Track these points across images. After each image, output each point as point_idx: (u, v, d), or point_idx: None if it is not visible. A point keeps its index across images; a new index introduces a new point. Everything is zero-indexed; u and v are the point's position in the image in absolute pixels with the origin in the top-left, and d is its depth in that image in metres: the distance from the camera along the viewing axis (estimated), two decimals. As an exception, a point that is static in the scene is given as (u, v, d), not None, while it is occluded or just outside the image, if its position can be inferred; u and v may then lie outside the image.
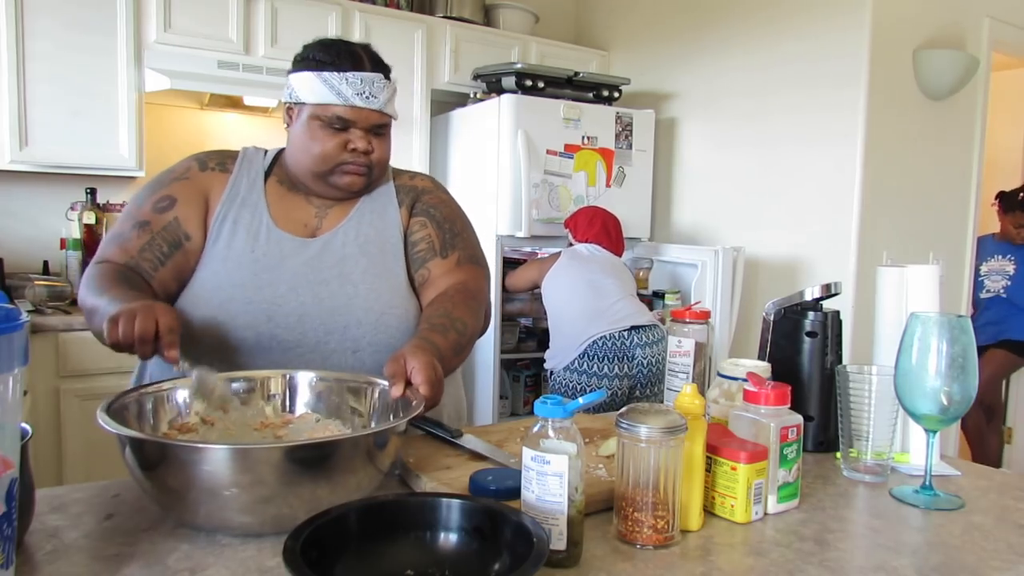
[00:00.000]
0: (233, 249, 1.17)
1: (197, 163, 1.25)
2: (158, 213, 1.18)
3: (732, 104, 3.28)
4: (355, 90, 1.16)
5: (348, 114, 1.17)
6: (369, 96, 1.17)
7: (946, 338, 0.90)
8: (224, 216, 1.20)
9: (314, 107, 1.17)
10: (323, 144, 1.18)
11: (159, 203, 1.19)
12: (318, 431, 0.96)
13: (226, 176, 1.23)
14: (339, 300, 1.16)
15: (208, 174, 1.23)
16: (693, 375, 1.10)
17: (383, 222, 1.26)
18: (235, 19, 2.83)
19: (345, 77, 1.16)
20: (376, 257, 1.22)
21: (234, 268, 1.16)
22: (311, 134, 1.18)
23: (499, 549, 0.66)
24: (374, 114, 1.19)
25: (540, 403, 0.71)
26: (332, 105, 1.16)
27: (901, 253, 2.89)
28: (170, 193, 1.20)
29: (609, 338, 2.50)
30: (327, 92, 1.16)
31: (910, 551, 0.78)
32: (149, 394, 0.91)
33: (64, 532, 0.76)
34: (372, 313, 1.17)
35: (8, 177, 2.71)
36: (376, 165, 1.22)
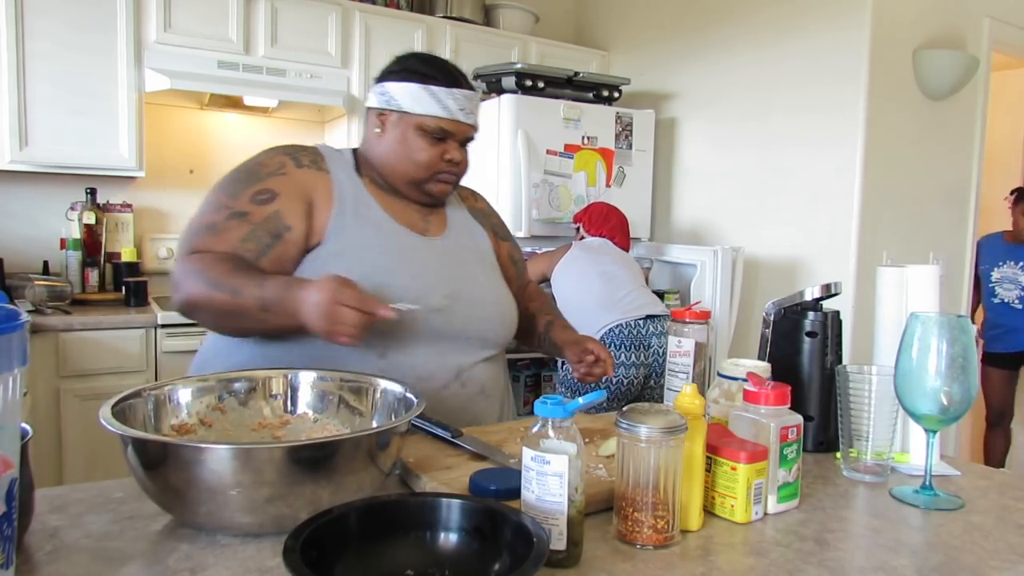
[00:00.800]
0: (367, 240, 1.20)
1: (291, 160, 1.24)
2: (258, 205, 1.17)
3: (732, 104, 3.28)
4: (459, 105, 1.25)
5: (450, 127, 1.25)
6: (469, 112, 1.27)
7: (946, 338, 0.90)
8: (342, 212, 1.21)
9: (420, 117, 1.24)
10: (427, 153, 1.25)
11: (258, 195, 1.18)
12: (316, 431, 0.96)
13: (326, 175, 1.24)
14: (474, 296, 1.26)
15: (305, 172, 1.23)
16: (693, 375, 1.10)
17: (474, 235, 1.39)
18: (235, 19, 2.83)
19: (451, 93, 1.24)
20: (484, 263, 1.36)
21: (377, 256, 1.19)
22: (413, 142, 1.25)
23: (499, 549, 0.66)
24: (470, 128, 1.29)
25: (540, 403, 0.71)
26: (439, 117, 1.24)
27: (901, 253, 2.89)
28: (269, 187, 1.19)
29: (625, 326, 2.49)
30: (434, 105, 1.23)
31: (910, 551, 0.78)
32: (151, 395, 0.91)
33: (64, 532, 0.76)
34: (499, 308, 1.30)
35: (8, 177, 2.71)
36: (460, 174, 1.32)
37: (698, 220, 3.47)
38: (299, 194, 1.19)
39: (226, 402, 0.96)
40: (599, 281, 2.61)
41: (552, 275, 2.72)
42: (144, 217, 3.02)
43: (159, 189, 3.05)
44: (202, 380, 0.97)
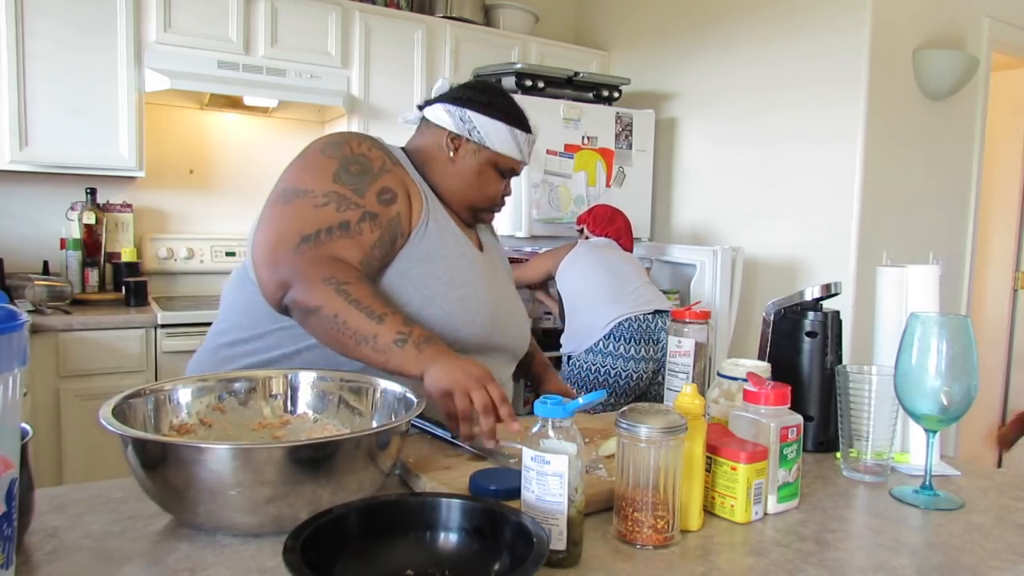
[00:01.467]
0: (449, 249, 1.22)
1: (387, 156, 1.22)
2: (384, 206, 1.15)
3: (732, 104, 3.28)
4: (528, 150, 1.32)
5: (517, 168, 1.33)
6: (530, 155, 1.34)
7: (946, 338, 0.89)
8: (430, 216, 1.22)
9: (498, 156, 1.28)
10: (495, 187, 1.31)
11: (383, 195, 1.15)
12: (316, 431, 0.96)
13: (407, 173, 1.24)
14: (518, 312, 1.35)
15: (397, 168, 1.22)
16: (693, 375, 1.10)
17: (500, 251, 1.45)
18: (235, 19, 2.83)
19: (528, 139, 1.31)
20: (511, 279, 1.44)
21: (460, 266, 1.21)
22: (486, 176, 1.29)
23: (499, 549, 0.66)
24: (526, 167, 1.42)
25: (540, 403, 0.71)
26: (516, 160, 1.30)
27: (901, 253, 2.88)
28: (390, 186, 1.17)
29: (635, 320, 2.49)
30: (515, 148, 1.29)
31: (910, 551, 0.78)
32: (151, 395, 0.91)
33: (64, 532, 0.76)
34: (526, 322, 1.39)
35: (8, 177, 2.71)
36: None
37: (698, 220, 3.47)
38: (405, 195, 1.19)
39: (226, 402, 0.97)
40: (607, 275, 2.60)
41: (558, 271, 2.71)
42: (144, 217, 3.02)
43: (159, 189, 3.05)
44: (202, 380, 0.97)
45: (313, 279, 1.03)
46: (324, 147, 1.19)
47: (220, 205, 3.21)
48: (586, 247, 2.73)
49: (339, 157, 1.16)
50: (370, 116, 3.14)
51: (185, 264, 3.04)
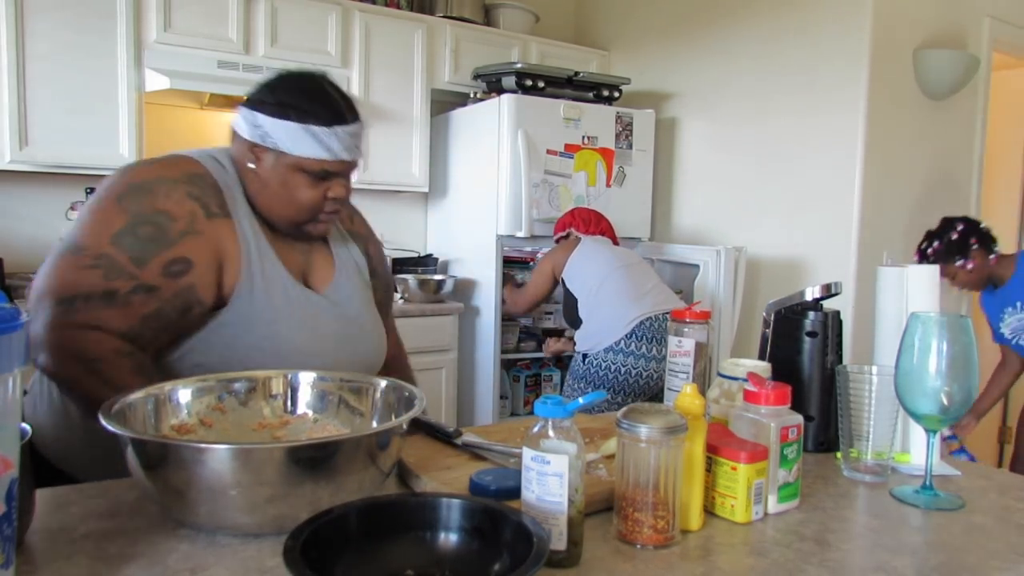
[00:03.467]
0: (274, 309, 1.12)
1: (201, 209, 1.08)
2: (170, 278, 1.03)
3: (732, 104, 3.28)
4: (343, 144, 1.13)
5: (334, 167, 1.14)
6: (354, 148, 1.16)
7: (946, 338, 0.89)
8: (249, 275, 1.11)
9: (300, 159, 1.11)
10: (308, 195, 1.14)
11: (172, 266, 1.04)
12: (316, 431, 0.96)
13: (231, 223, 1.11)
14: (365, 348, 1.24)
15: (215, 222, 1.09)
16: (693, 375, 1.10)
17: (357, 265, 1.30)
18: (235, 19, 2.83)
19: (335, 132, 1.12)
20: (367, 301, 1.29)
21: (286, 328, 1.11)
22: (292, 184, 1.13)
23: (499, 549, 0.66)
24: (353, 164, 1.18)
25: (540, 403, 0.71)
26: (322, 160, 1.12)
27: (901, 253, 2.88)
28: (185, 255, 1.05)
29: (654, 319, 2.47)
30: (316, 147, 1.11)
31: (910, 551, 0.78)
32: (151, 395, 0.91)
33: (64, 532, 0.76)
34: (382, 356, 1.28)
35: (8, 177, 2.71)
36: (344, 207, 1.25)
37: (698, 220, 3.47)
38: (212, 259, 1.07)
39: (226, 402, 0.96)
40: (626, 273, 2.56)
41: (565, 271, 2.65)
42: (144, 217, 3.02)
43: (159, 189, 3.05)
44: (202, 380, 0.97)
45: (62, 353, 0.98)
46: (124, 193, 1.06)
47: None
48: (591, 243, 2.69)
49: (132, 213, 1.04)
50: (370, 116, 3.14)
51: (185, 264, 3.03)
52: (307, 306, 1.17)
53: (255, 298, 1.10)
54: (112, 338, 1.00)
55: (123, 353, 1.00)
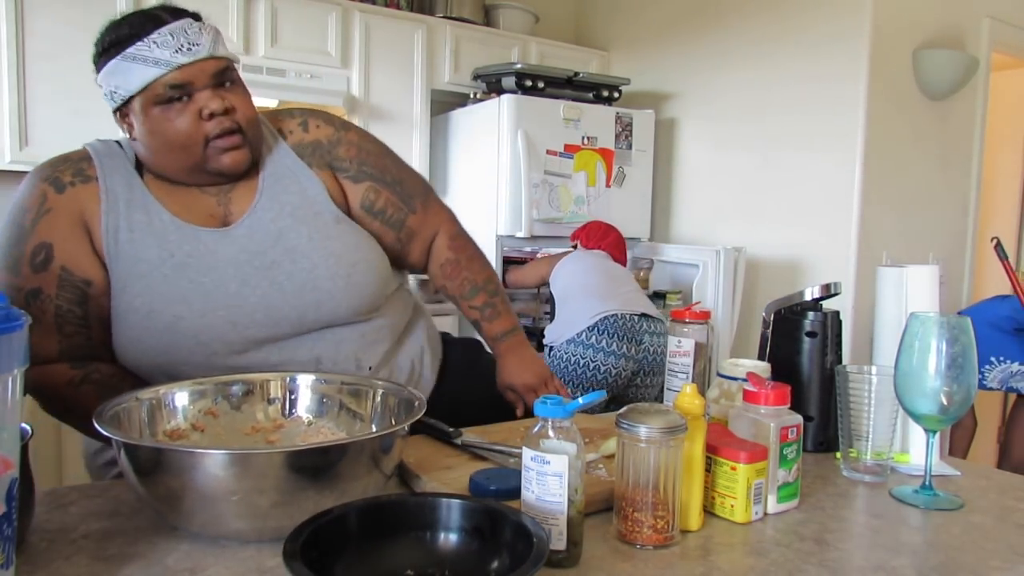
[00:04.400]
0: (146, 262, 0.98)
1: (51, 185, 1.00)
2: (40, 272, 0.96)
3: (732, 104, 3.28)
4: (170, 49, 0.96)
5: (179, 77, 0.97)
6: (191, 46, 0.97)
7: (946, 338, 0.89)
8: (115, 228, 0.99)
9: (143, 94, 0.97)
10: (175, 126, 0.98)
11: (34, 259, 0.96)
12: (310, 435, 0.95)
13: (93, 186, 1.00)
14: (299, 277, 1.03)
15: (70, 192, 0.99)
16: (693, 375, 1.10)
17: (301, 187, 1.09)
18: (235, 19, 2.83)
19: (152, 41, 0.95)
20: (315, 220, 1.08)
21: (162, 283, 0.98)
22: (155, 125, 0.98)
23: (499, 549, 0.66)
24: (208, 63, 0.99)
25: (540, 403, 0.71)
26: (158, 79, 0.96)
27: (901, 253, 2.88)
28: (41, 240, 0.96)
29: (620, 317, 2.50)
30: (143, 68, 0.95)
31: (910, 551, 0.78)
32: (147, 400, 0.90)
33: (64, 532, 0.76)
34: (339, 279, 1.05)
35: (8, 177, 2.71)
36: (247, 125, 1.03)
37: (698, 220, 3.47)
38: (73, 231, 0.98)
39: (219, 406, 0.95)
40: (602, 275, 2.64)
41: (552, 274, 2.73)
42: (144, 217, 3.02)
43: (159, 189, 3.05)
44: (198, 384, 0.95)
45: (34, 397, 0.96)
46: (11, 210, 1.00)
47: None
48: (582, 252, 2.79)
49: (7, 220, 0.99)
50: (370, 116, 3.14)
51: (185, 264, 3.03)
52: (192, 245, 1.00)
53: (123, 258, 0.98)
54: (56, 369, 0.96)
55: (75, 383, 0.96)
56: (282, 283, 1.03)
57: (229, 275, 1.01)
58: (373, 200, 1.16)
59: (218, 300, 1.00)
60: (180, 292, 0.98)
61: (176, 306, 0.98)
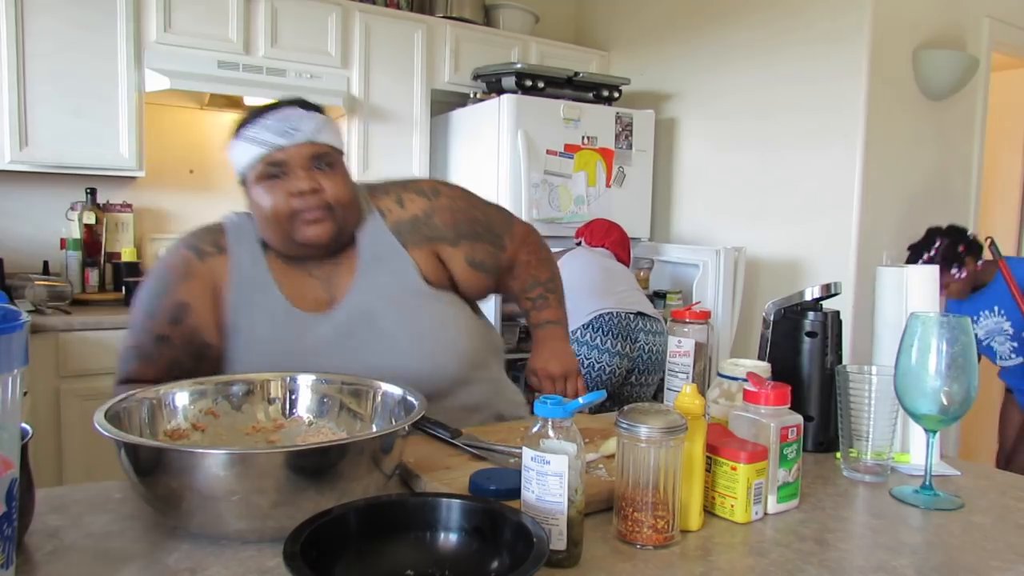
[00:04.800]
0: (257, 338, 1.13)
1: (194, 253, 1.16)
2: (174, 325, 1.12)
3: (732, 104, 3.28)
4: (273, 132, 1.10)
5: (277, 158, 1.10)
6: (290, 131, 1.10)
7: (946, 338, 0.89)
8: (237, 305, 1.14)
9: (251, 172, 1.12)
10: (271, 201, 1.11)
11: (172, 313, 1.12)
12: (311, 435, 0.95)
13: (225, 258, 1.16)
14: (385, 358, 1.13)
15: (208, 263, 1.15)
16: (693, 375, 1.10)
17: (395, 267, 1.20)
18: (235, 19, 2.83)
19: (256, 124, 1.11)
20: (406, 301, 1.18)
21: (268, 359, 1.09)
22: (257, 198, 1.13)
23: (499, 549, 0.66)
24: (304, 147, 1.11)
25: (540, 403, 0.71)
26: (260, 157, 1.10)
27: (901, 253, 2.88)
28: (181, 300, 1.13)
29: (616, 315, 2.50)
30: (251, 148, 1.11)
31: (910, 551, 0.78)
32: (146, 399, 0.90)
33: (64, 532, 0.76)
34: (421, 355, 1.15)
35: (8, 177, 2.71)
36: (336, 204, 1.13)
37: (698, 220, 3.47)
38: (206, 297, 1.13)
39: (220, 406, 0.95)
40: (601, 273, 2.63)
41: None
42: (144, 217, 3.02)
43: (159, 189, 3.05)
44: (199, 384, 0.96)
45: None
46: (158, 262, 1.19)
47: (220, 205, 3.17)
48: (584, 249, 2.78)
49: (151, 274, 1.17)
50: (370, 116, 3.14)
51: (185, 264, 3.04)
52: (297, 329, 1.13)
53: (240, 332, 1.13)
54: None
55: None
56: (369, 362, 1.11)
57: (324, 355, 1.12)
58: (472, 256, 1.27)
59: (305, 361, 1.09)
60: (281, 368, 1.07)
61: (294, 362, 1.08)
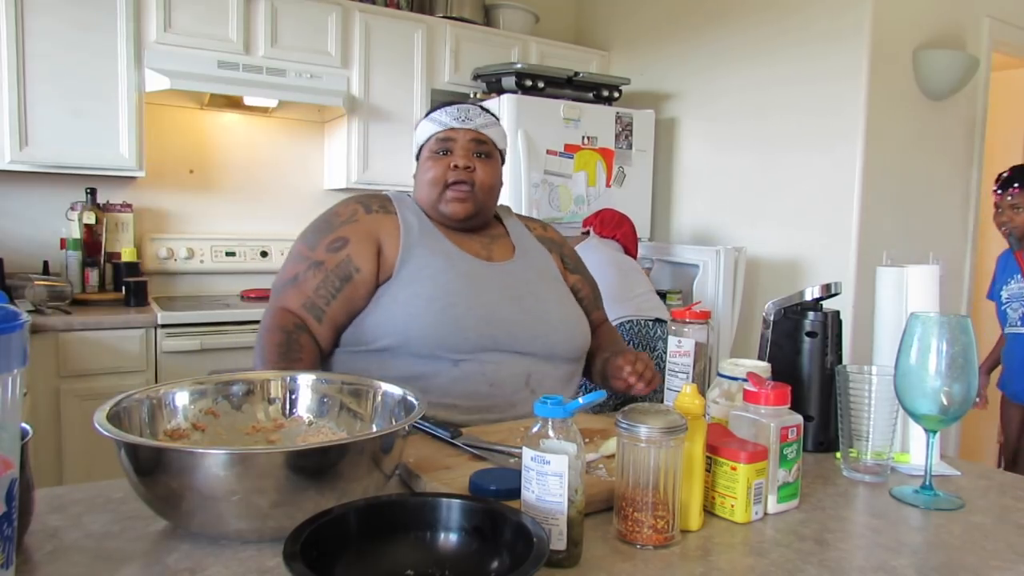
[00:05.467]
0: (434, 267, 1.29)
1: (362, 207, 1.36)
2: (332, 253, 1.29)
3: (732, 104, 3.28)
4: (452, 116, 1.35)
5: (447, 135, 1.35)
6: (465, 119, 1.35)
7: (946, 338, 0.90)
8: (410, 245, 1.31)
9: (425, 146, 1.38)
10: (433, 170, 1.35)
11: (332, 244, 1.30)
12: (311, 435, 0.95)
13: (393, 217, 1.35)
14: (539, 313, 1.32)
15: (374, 216, 1.34)
16: (693, 375, 1.10)
17: (543, 261, 1.44)
18: (235, 19, 2.83)
19: (446, 110, 1.37)
20: (554, 282, 1.42)
21: (446, 280, 1.27)
22: (423, 167, 1.38)
23: (499, 549, 0.66)
24: (471, 132, 1.36)
25: (540, 403, 0.71)
26: (435, 134, 1.36)
27: (901, 253, 2.88)
28: (341, 235, 1.31)
29: (636, 324, 2.46)
30: (432, 126, 1.37)
31: (910, 551, 0.78)
32: (147, 399, 0.90)
33: (64, 532, 0.76)
34: (567, 324, 1.36)
35: (8, 177, 2.71)
36: (480, 187, 1.35)
37: (698, 220, 3.47)
38: (368, 237, 1.31)
39: (220, 406, 0.95)
40: (617, 275, 2.56)
41: None
42: (144, 217, 3.02)
43: (159, 189, 3.05)
44: (199, 383, 0.96)
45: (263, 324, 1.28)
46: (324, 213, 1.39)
47: (220, 205, 3.20)
48: (597, 241, 2.70)
49: (317, 221, 1.37)
50: (370, 116, 3.14)
51: (185, 264, 3.04)
52: (468, 266, 1.32)
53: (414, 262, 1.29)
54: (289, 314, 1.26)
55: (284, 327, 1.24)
56: (528, 310, 1.32)
57: (492, 289, 1.31)
58: (579, 289, 1.50)
59: (482, 302, 1.28)
60: (457, 289, 1.27)
61: (452, 296, 1.26)
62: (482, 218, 1.41)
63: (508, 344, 1.27)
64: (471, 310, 1.26)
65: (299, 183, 3.33)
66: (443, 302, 1.24)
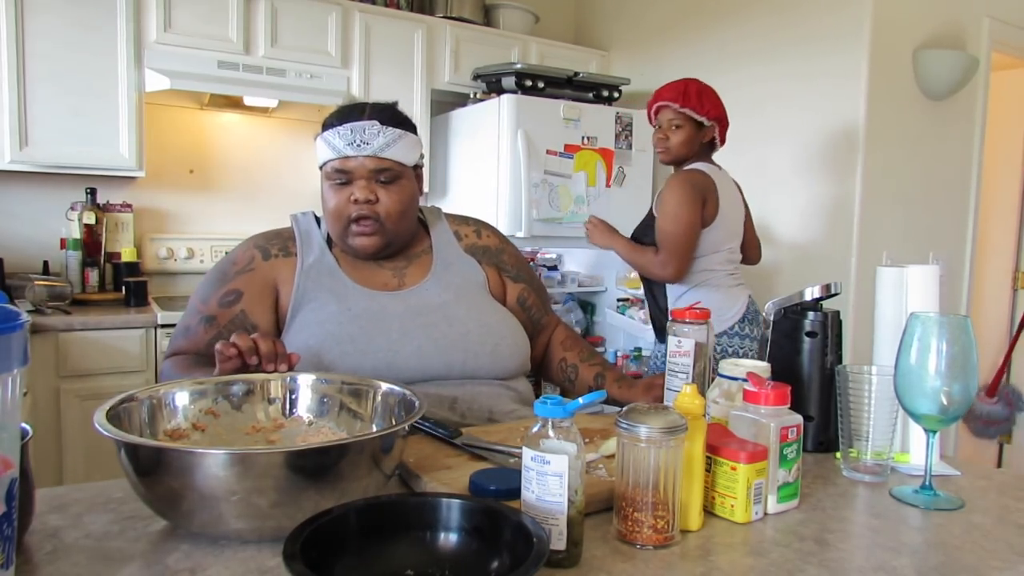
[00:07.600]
0: (327, 311, 1.20)
1: (260, 252, 1.28)
2: (224, 308, 1.23)
3: (732, 103, 3.26)
4: (345, 141, 1.21)
5: (343, 165, 1.22)
6: (359, 144, 1.20)
7: (946, 338, 0.89)
8: (304, 288, 1.23)
9: (324, 168, 1.25)
10: (334, 200, 1.24)
11: (225, 298, 1.23)
12: (311, 435, 0.95)
13: (292, 260, 1.27)
14: (453, 338, 1.22)
15: (272, 262, 1.27)
16: (693, 375, 1.10)
17: (466, 275, 1.33)
18: (235, 19, 2.83)
19: (337, 132, 1.21)
20: (474, 298, 1.30)
21: (336, 327, 1.18)
22: (325, 192, 1.26)
23: (499, 549, 0.66)
24: (369, 160, 1.22)
25: (540, 403, 0.71)
26: (330, 160, 1.22)
27: (901, 253, 2.87)
28: (235, 287, 1.24)
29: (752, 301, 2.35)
30: (326, 150, 1.23)
31: (910, 551, 0.78)
32: (147, 399, 0.90)
33: (64, 532, 0.76)
34: (487, 346, 1.25)
35: (8, 177, 2.71)
36: (387, 218, 1.24)
37: (698, 220, 3.46)
38: (264, 288, 1.24)
39: (220, 406, 0.95)
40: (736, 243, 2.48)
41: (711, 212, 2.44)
42: (144, 217, 3.02)
43: (159, 189, 3.05)
44: (199, 383, 0.96)
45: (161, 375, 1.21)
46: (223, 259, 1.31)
47: (220, 205, 3.21)
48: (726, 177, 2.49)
49: (214, 268, 1.30)
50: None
51: (185, 264, 3.04)
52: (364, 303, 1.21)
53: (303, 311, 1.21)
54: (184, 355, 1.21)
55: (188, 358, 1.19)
56: (437, 339, 1.21)
57: (393, 326, 1.20)
58: (526, 297, 1.41)
59: (380, 343, 1.18)
60: (350, 334, 1.18)
61: (345, 344, 1.17)
62: (396, 247, 1.30)
63: (420, 375, 1.20)
64: (367, 355, 1.17)
65: (299, 183, 3.33)
66: (337, 351, 1.16)
